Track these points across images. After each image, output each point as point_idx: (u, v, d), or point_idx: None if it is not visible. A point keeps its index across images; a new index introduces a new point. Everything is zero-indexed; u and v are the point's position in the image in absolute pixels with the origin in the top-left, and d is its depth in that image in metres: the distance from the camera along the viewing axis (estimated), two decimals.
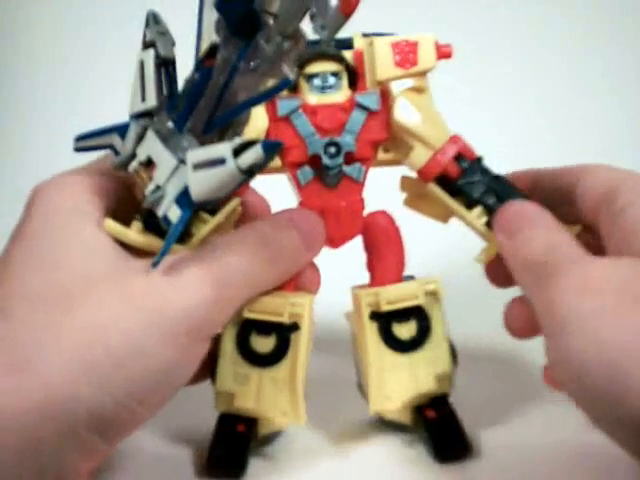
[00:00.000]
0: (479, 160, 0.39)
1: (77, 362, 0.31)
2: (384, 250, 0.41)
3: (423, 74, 0.39)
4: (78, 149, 0.36)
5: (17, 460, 0.31)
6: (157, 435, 0.40)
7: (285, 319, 0.37)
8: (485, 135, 0.42)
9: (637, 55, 0.79)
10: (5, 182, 0.75)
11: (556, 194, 0.39)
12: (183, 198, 0.32)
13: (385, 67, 0.39)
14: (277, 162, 0.40)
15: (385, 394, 0.39)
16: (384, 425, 0.41)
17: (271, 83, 0.31)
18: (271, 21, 0.30)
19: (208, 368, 0.38)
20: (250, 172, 0.30)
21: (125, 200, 0.37)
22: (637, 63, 0.79)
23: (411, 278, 0.41)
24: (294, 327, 0.37)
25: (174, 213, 0.32)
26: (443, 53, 0.39)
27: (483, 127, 0.42)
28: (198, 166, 0.31)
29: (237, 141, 0.30)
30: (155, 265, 0.32)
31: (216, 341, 0.38)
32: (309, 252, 0.38)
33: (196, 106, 0.32)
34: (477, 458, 0.38)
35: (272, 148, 0.30)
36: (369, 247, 0.41)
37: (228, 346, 0.38)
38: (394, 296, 0.40)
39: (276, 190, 0.41)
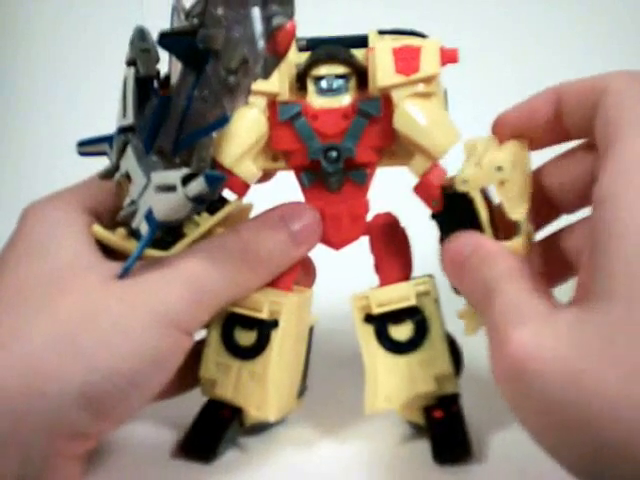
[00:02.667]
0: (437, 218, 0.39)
1: (64, 340, 0.33)
2: (389, 252, 0.41)
3: (427, 80, 0.38)
4: (82, 153, 0.39)
5: (1, 444, 0.32)
6: (145, 415, 0.42)
7: (264, 315, 0.38)
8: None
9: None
10: (5, 181, 0.77)
11: (582, 122, 0.36)
12: (150, 216, 0.34)
13: (385, 74, 0.38)
14: (283, 163, 0.40)
15: (384, 395, 0.39)
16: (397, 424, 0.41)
17: (216, 116, 0.31)
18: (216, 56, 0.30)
19: (193, 377, 0.40)
20: (199, 200, 0.32)
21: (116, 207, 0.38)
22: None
23: (429, 277, 0.40)
24: (274, 324, 0.38)
25: (143, 228, 0.34)
26: (448, 58, 0.38)
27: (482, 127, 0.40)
28: (158, 189, 0.33)
29: (185, 171, 0.31)
30: (121, 277, 0.34)
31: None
32: (299, 249, 0.39)
33: (158, 132, 0.33)
34: (477, 463, 0.38)
35: (215, 181, 0.31)
36: (375, 249, 0.41)
37: (214, 335, 0.40)
38: (385, 298, 0.40)
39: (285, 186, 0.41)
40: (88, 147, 0.38)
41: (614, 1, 0.76)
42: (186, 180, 0.31)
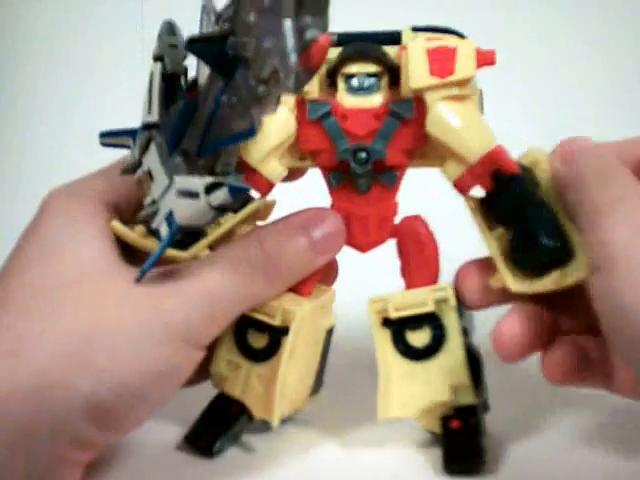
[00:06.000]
0: (516, 179, 0.36)
1: (75, 350, 0.32)
2: (416, 256, 0.40)
3: (462, 83, 0.36)
4: (103, 144, 0.38)
5: (7, 449, 0.31)
6: None
7: (276, 322, 0.38)
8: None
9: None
10: (6, 184, 0.76)
11: None
12: (170, 218, 0.33)
13: (419, 75, 0.36)
14: (310, 162, 0.39)
15: (399, 402, 0.39)
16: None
17: (243, 125, 0.30)
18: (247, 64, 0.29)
19: (204, 372, 0.39)
20: (222, 209, 0.31)
21: (137, 202, 0.37)
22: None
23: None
24: (285, 331, 0.38)
25: (163, 230, 0.33)
26: (485, 60, 0.36)
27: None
28: (181, 193, 0.32)
29: (208, 180, 0.31)
30: (138, 280, 0.34)
31: None
32: (320, 259, 0.38)
33: (183, 134, 0.32)
34: (489, 475, 0.37)
35: (238, 191, 0.30)
36: (402, 253, 0.40)
37: (227, 334, 0.39)
38: (402, 303, 0.39)
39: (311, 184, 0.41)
40: (110, 138, 0.37)
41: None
42: (210, 189, 0.30)
